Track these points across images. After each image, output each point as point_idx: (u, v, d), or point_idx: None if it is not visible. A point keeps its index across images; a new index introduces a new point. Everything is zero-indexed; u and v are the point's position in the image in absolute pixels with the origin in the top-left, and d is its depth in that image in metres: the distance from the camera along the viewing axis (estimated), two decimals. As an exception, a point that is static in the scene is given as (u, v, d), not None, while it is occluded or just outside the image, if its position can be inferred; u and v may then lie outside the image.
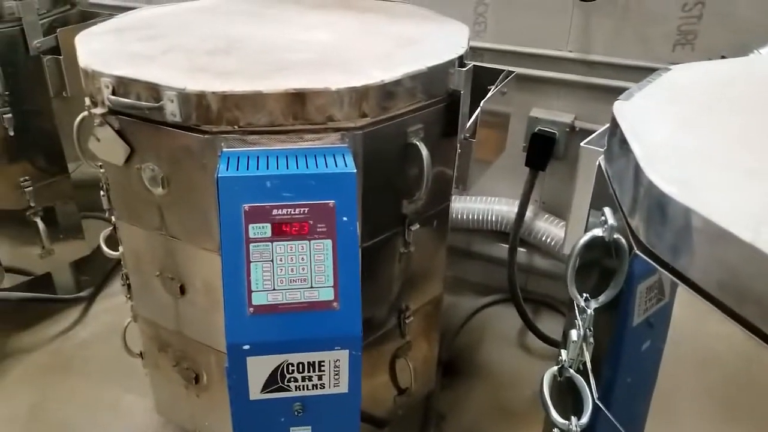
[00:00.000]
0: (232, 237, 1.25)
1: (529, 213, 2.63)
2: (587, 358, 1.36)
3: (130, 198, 1.66)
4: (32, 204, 2.60)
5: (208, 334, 1.73)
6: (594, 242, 1.25)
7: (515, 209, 2.66)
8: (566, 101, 2.52)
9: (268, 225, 1.26)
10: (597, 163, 1.37)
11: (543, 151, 2.50)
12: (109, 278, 3.13)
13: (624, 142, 1.14)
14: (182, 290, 1.69)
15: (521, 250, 2.71)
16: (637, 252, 1.07)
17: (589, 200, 1.43)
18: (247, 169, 1.28)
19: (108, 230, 1.97)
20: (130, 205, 1.69)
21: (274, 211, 1.26)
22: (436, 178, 1.68)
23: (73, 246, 2.84)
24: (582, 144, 1.42)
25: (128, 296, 1.97)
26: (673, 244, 0.98)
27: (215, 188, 1.39)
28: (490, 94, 1.75)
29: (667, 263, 1.01)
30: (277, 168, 1.28)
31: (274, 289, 1.27)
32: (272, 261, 1.27)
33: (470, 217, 2.73)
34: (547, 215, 2.69)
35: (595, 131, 2.44)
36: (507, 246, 2.75)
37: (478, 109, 1.70)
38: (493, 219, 2.71)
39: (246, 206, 1.25)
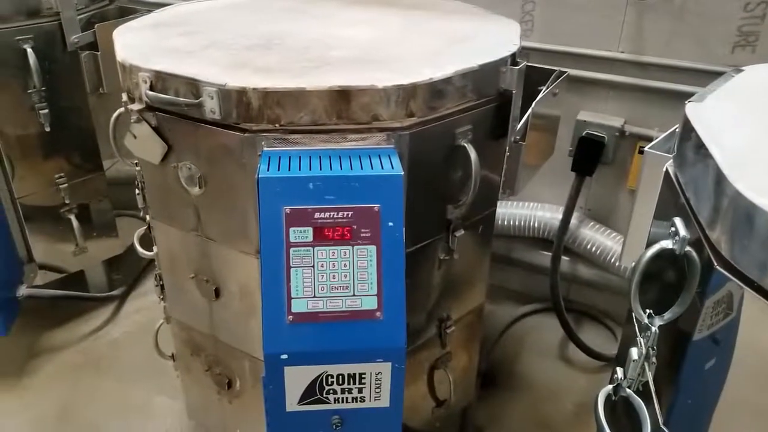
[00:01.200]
0: (272, 240, 1.19)
1: (573, 220, 2.52)
2: (649, 378, 1.26)
3: (165, 197, 1.61)
4: (67, 201, 2.59)
5: (243, 339, 1.67)
6: (661, 255, 1.15)
7: (559, 216, 2.56)
8: (616, 104, 2.41)
9: (310, 229, 1.19)
10: (663, 169, 1.27)
11: (591, 155, 2.39)
12: (141, 277, 3.12)
13: (700, 147, 1.04)
14: (217, 293, 1.64)
15: (564, 258, 2.60)
16: (718, 267, 0.97)
17: (652, 209, 1.33)
18: (289, 169, 1.21)
19: (142, 230, 1.93)
20: (165, 205, 1.64)
21: (317, 215, 1.19)
22: (483, 182, 1.59)
23: (106, 244, 2.83)
24: (646, 148, 1.32)
25: (161, 297, 1.93)
26: (763, 261, 0.88)
27: (255, 189, 1.33)
28: (541, 95, 1.66)
29: (752, 281, 0.92)
30: (320, 169, 1.22)
31: (314, 297, 1.20)
32: (313, 267, 1.20)
33: (512, 223, 2.63)
34: (592, 223, 2.57)
35: (647, 136, 2.36)
36: (549, 254, 2.65)
37: (529, 111, 1.60)
38: (536, 225, 2.61)
39: (287, 208, 1.18)
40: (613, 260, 2.49)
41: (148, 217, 1.83)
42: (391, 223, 1.19)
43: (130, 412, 2.41)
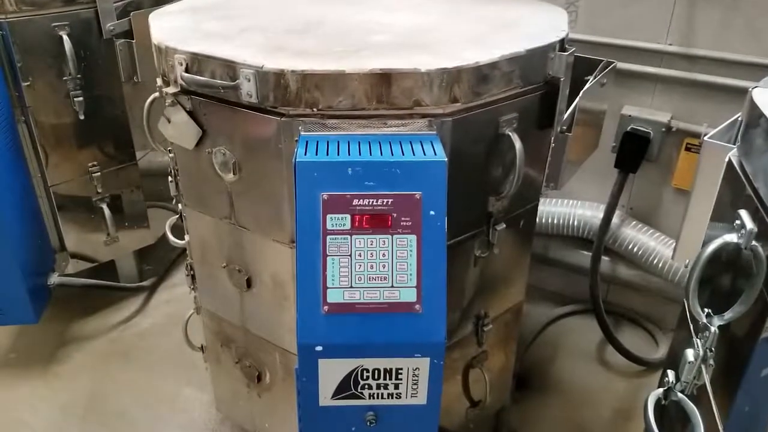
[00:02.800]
0: (308, 228, 1.14)
1: (615, 219, 2.43)
2: (706, 380, 1.18)
3: (199, 184, 1.58)
4: (99, 190, 2.59)
5: (274, 331, 1.63)
6: (723, 250, 1.07)
7: (599, 214, 2.47)
8: (663, 99, 2.31)
9: (348, 216, 1.14)
10: (725, 160, 1.19)
11: (635, 151, 2.30)
12: (171, 269, 3.11)
13: (773, 134, 0.96)
14: (249, 283, 1.60)
15: (604, 258, 2.51)
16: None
17: (711, 203, 1.25)
18: (327, 154, 1.16)
19: (174, 218, 1.90)
20: (198, 192, 1.60)
21: (355, 201, 1.13)
22: (526, 174, 1.52)
23: (137, 234, 2.82)
24: (706, 138, 1.24)
25: (192, 287, 1.90)
26: None
27: (292, 174, 1.29)
28: (589, 85, 1.58)
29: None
30: (359, 154, 1.16)
31: (351, 287, 1.15)
32: (350, 256, 1.14)
33: (550, 221, 2.55)
34: (634, 222, 2.48)
35: (695, 132, 2.25)
36: (588, 253, 2.56)
37: (576, 101, 1.53)
38: (575, 224, 2.52)
39: (324, 195, 1.13)
40: (655, 261, 2.39)
41: (180, 206, 1.80)
42: (432, 212, 1.13)
43: (157, 403, 2.39)
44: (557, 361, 2.58)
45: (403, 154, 1.15)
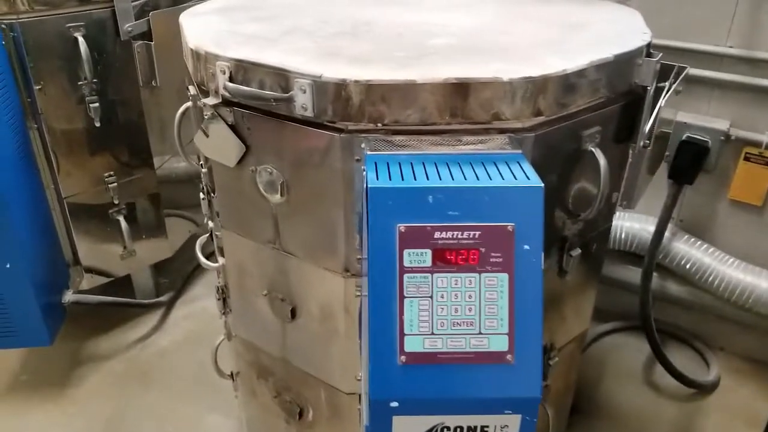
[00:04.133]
0: (383, 264, 0.98)
1: (666, 233, 2.27)
2: None
3: (239, 204, 1.42)
4: (116, 201, 2.43)
5: (321, 366, 1.48)
6: None
7: (648, 227, 2.31)
8: (721, 105, 2.16)
9: (428, 251, 0.98)
10: None
11: (691, 161, 2.14)
12: (189, 282, 2.95)
13: None
14: (293, 314, 1.44)
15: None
16: None
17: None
18: (402, 178, 1.01)
19: (204, 238, 1.75)
20: (238, 213, 1.45)
21: (437, 234, 0.98)
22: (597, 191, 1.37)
23: (155, 247, 2.66)
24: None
25: (223, 312, 1.74)
26: None
27: (350, 196, 1.14)
28: (667, 93, 1.43)
29: None
30: (440, 178, 1.00)
31: (432, 334, 0.99)
32: (431, 297, 0.99)
33: (598, 234, 2.39)
34: (686, 236, 2.32)
35: (756, 141, 2.10)
36: (633, 268, 2.41)
37: (656, 110, 1.38)
38: (622, 237, 2.37)
39: (401, 226, 0.98)
40: (710, 279, 2.24)
41: (210, 224, 1.64)
42: (527, 246, 0.98)
43: (181, 429, 2.23)
44: (604, 382, 2.42)
45: (491, 178, 1.00)
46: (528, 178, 1.00)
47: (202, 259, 1.66)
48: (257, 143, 1.28)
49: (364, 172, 1.05)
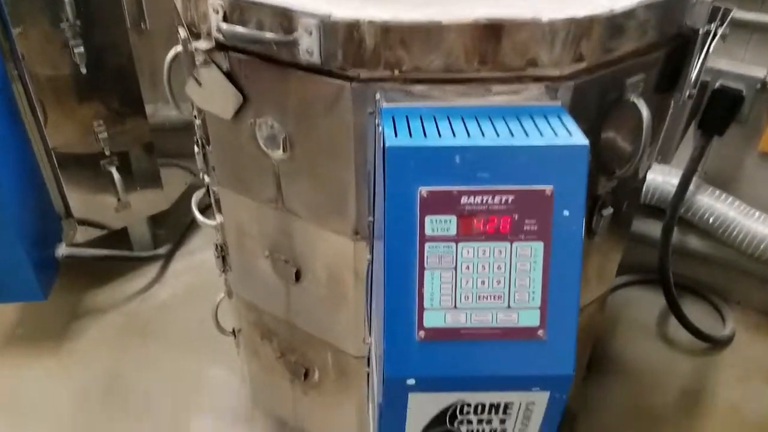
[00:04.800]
0: (401, 232, 0.87)
1: (690, 186, 2.15)
2: None
3: (236, 160, 1.30)
4: (107, 152, 2.30)
5: (328, 329, 1.40)
6: None
7: (671, 179, 2.19)
8: (758, 51, 1.99)
9: (453, 218, 0.87)
10: None
11: (724, 111, 2.00)
12: (188, 233, 2.85)
13: None
14: (297, 276, 1.35)
15: (673, 227, 2.25)
16: None
17: None
18: (425, 135, 0.88)
19: (201, 192, 1.63)
20: (236, 170, 1.32)
21: (464, 199, 0.86)
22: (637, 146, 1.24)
23: (150, 198, 2.55)
24: None
25: (223, 270, 1.64)
26: None
27: (361, 153, 1.02)
28: (714, 37, 1.28)
29: None
30: (468, 135, 0.88)
31: (455, 308, 0.89)
32: (455, 269, 0.88)
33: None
34: (711, 189, 2.20)
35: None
36: (652, 221, 2.31)
37: (701, 58, 1.23)
38: (643, 190, 2.24)
39: (423, 190, 0.86)
40: (734, 234, 2.14)
41: (207, 179, 1.53)
42: (567, 212, 0.87)
43: (182, 383, 2.18)
44: (617, 336, 2.36)
45: (527, 135, 0.87)
46: (570, 135, 0.88)
47: (199, 217, 1.55)
48: (256, 93, 1.15)
49: (380, 128, 0.93)
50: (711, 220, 2.17)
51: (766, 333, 2.37)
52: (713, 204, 2.16)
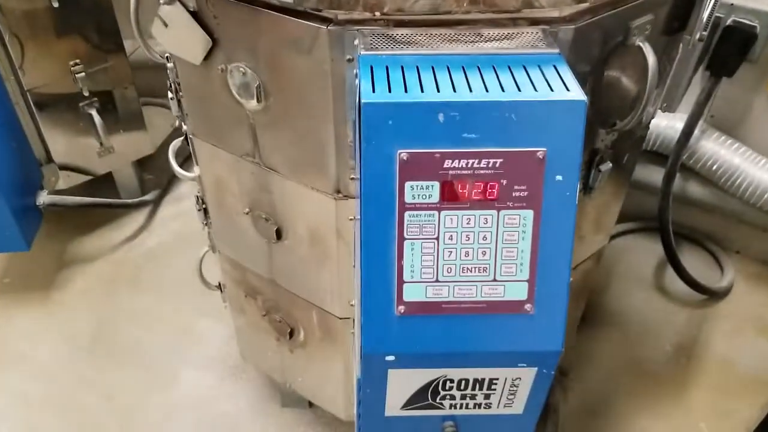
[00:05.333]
0: (378, 199, 0.80)
1: (695, 131, 2.05)
2: None
3: (209, 110, 1.20)
4: (85, 93, 2.19)
5: (311, 289, 1.34)
6: None
7: (675, 124, 2.09)
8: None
9: (436, 184, 0.79)
10: None
11: (735, 50, 1.87)
12: (175, 179, 2.76)
13: None
14: (279, 234, 1.28)
15: (675, 175, 2.16)
16: None
17: None
18: (405, 90, 0.79)
19: (178, 141, 1.54)
20: (210, 120, 1.23)
21: (447, 162, 0.78)
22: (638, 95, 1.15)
23: (134, 141, 2.45)
24: None
25: (205, 223, 1.57)
26: None
27: (342, 106, 0.93)
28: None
29: None
30: (454, 90, 0.79)
31: (436, 281, 0.83)
32: (438, 239, 0.81)
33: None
34: (716, 133, 2.10)
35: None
36: (652, 167, 2.22)
37: (714, -5, 1.12)
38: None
39: (403, 153, 0.78)
40: (738, 182, 2.05)
41: (185, 127, 1.43)
42: (560, 177, 0.78)
43: (172, 335, 2.15)
44: (612, 287, 2.31)
45: (519, 90, 0.78)
46: (567, 90, 0.78)
47: (177, 168, 1.46)
48: (226, 36, 1.04)
49: (357, 80, 0.83)
50: (714, 168, 2.08)
51: (764, 283, 2.32)
52: (718, 150, 2.07)
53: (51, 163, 2.27)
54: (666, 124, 2.12)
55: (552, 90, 0.78)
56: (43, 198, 2.21)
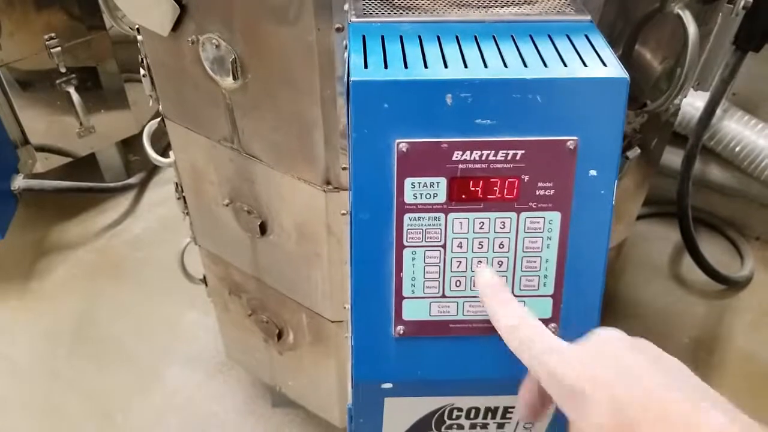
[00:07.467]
0: (371, 200, 0.65)
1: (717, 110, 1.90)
2: None
3: (181, 89, 1.05)
4: (62, 70, 2.04)
5: (300, 290, 1.20)
6: None
7: (696, 102, 1.94)
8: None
9: (443, 180, 0.64)
10: None
11: (765, 21, 1.71)
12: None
13: None
14: (263, 229, 1.14)
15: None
16: None
17: None
18: (405, 65, 0.64)
19: (155, 123, 1.39)
20: (182, 100, 1.08)
21: (457, 154, 0.63)
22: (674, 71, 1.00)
23: (117, 121, 2.31)
24: None
25: (185, 212, 1.43)
26: None
27: (331, 86, 0.79)
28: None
29: None
30: (465, 66, 0.64)
31: (442, 296, 0.69)
32: (444, 247, 0.67)
33: (634, 111, 2.02)
34: (740, 113, 1.95)
35: None
36: (670, 147, 2.06)
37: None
38: (665, 115, 1.99)
39: (401, 142, 0.63)
40: (763, 165, 1.91)
41: (160, 107, 1.28)
42: (594, 172, 0.64)
43: (157, 329, 2.03)
44: (627, 275, 2.18)
45: (546, 65, 0.63)
46: (604, 65, 0.64)
47: (152, 154, 1.31)
48: (196, 2, 0.89)
49: (347, 53, 0.68)
50: (737, 149, 1.93)
51: (787, 272, 2.20)
52: (741, 131, 1.92)
53: (27, 144, 2.13)
54: (685, 102, 1.97)
55: (586, 65, 0.63)
56: (19, 182, 2.07)
